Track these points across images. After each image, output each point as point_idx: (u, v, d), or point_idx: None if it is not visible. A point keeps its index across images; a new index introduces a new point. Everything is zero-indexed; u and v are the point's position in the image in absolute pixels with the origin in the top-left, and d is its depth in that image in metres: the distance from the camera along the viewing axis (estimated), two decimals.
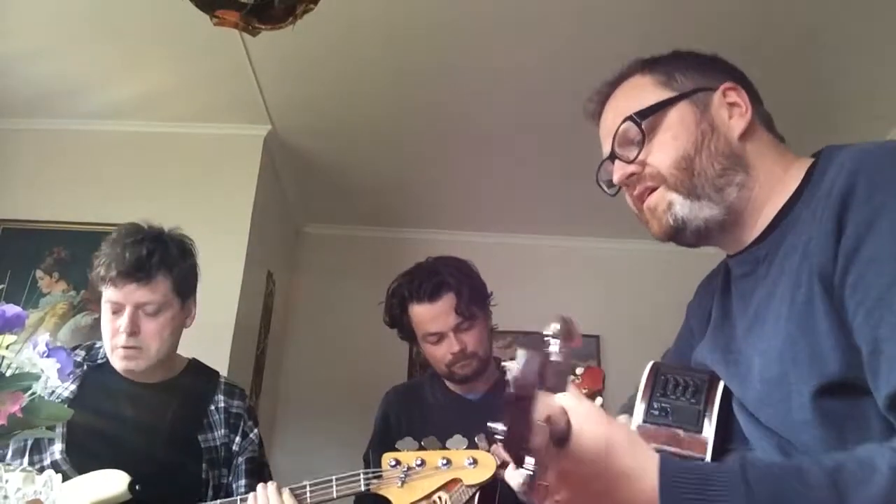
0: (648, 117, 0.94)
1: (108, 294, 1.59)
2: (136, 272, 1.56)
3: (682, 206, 0.91)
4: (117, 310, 1.58)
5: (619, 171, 0.97)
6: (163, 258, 1.61)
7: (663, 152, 0.93)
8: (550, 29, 2.40)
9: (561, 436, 0.60)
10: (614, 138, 0.96)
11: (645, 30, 2.35)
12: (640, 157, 0.94)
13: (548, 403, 0.57)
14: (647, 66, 1.01)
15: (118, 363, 1.60)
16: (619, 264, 3.77)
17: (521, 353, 0.55)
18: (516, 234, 3.87)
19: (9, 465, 1.28)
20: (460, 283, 1.77)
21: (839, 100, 2.74)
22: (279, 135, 3.11)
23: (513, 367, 0.55)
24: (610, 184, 1.01)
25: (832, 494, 0.61)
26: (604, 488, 0.63)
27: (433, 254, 1.93)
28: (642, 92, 0.98)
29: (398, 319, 1.85)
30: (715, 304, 1.02)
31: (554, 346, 0.57)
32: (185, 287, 1.67)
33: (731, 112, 0.94)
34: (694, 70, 0.98)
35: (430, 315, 1.77)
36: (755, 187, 0.91)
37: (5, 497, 0.97)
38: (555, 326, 0.58)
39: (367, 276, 3.64)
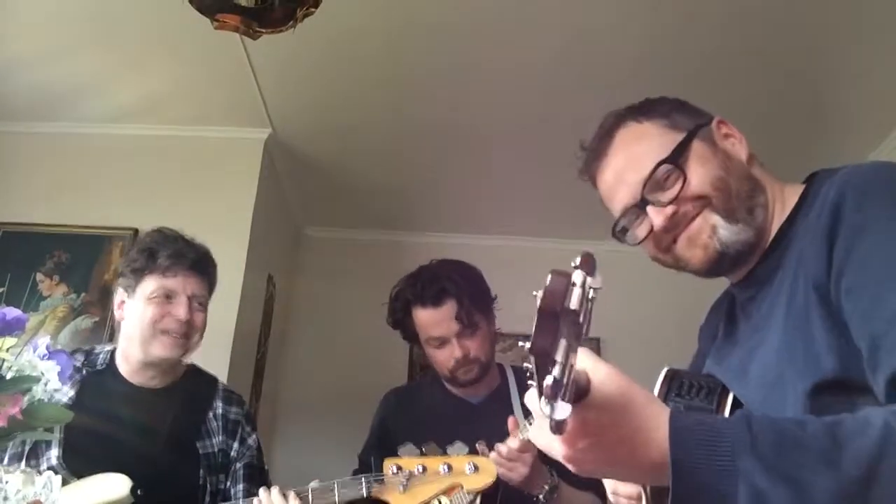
0: (680, 157, 0.94)
1: (162, 282, 1.62)
2: (199, 264, 1.65)
3: (725, 230, 0.92)
4: (170, 295, 1.62)
5: (659, 216, 0.94)
6: (209, 258, 1.71)
7: (698, 177, 0.93)
8: (550, 31, 2.40)
9: (581, 391, 0.63)
10: (644, 186, 0.95)
11: (645, 34, 2.35)
12: (681, 194, 0.93)
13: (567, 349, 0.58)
14: (638, 113, 1.01)
15: (159, 350, 1.60)
16: (620, 267, 3.74)
17: (550, 273, 0.57)
18: (516, 237, 3.86)
19: (8, 470, 1.28)
20: (461, 290, 1.77)
21: (832, 112, 2.75)
22: (280, 138, 3.11)
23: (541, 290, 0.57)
24: (634, 236, 0.99)
25: (830, 443, 0.64)
26: (619, 438, 0.66)
27: (433, 257, 1.93)
28: (654, 137, 0.98)
29: (401, 321, 1.86)
30: (721, 328, 1.06)
31: (576, 276, 0.59)
32: (213, 290, 1.74)
33: (731, 141, 0.99)
34: (682, 111, 1.01)
35: (433, 320, 1.78)
36: (769, 208, 0.95)
37: (5, 498, 0.97)
38: (577, 259, 0.60)
39: (367, 279, 3.64)
